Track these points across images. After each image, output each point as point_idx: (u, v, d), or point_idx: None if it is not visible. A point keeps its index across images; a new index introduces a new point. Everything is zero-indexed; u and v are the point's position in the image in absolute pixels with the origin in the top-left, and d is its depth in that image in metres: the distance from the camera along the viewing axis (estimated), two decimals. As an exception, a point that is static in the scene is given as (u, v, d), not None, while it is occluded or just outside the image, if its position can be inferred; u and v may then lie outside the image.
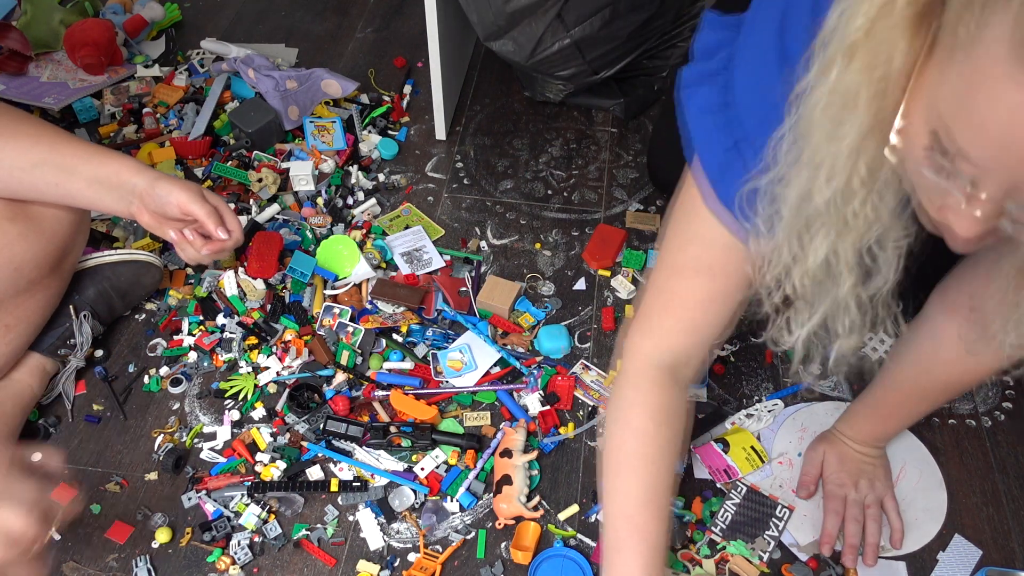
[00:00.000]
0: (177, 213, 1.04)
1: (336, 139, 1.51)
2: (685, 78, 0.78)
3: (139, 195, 1.03)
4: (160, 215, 1.04)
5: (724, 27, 0.79)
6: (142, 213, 1.04)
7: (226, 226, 1.07)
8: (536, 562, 1.02)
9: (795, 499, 1.09)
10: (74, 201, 1.03)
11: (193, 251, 1.08)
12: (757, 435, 1.14)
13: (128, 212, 1.04)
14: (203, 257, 1.08)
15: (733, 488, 1.09)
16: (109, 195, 1.02)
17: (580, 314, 1.30)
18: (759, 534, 1.05)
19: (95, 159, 1.01)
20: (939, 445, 1.15)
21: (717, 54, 0.76)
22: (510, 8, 1.39)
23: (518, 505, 1.04)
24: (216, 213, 1.06)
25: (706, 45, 0.79)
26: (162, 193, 1.02)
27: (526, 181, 1.52)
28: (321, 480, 1.09)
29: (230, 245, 1.09)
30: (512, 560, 1.02)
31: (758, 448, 1.12)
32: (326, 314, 1.26)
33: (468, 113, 1.66)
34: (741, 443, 1.12)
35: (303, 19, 1.89)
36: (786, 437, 1.15)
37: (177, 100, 1.61)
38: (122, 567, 1.03)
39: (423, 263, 1.35)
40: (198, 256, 1.08)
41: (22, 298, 1.05)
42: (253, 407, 1.17)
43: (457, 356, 1.21)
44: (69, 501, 0.79)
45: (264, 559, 1.04)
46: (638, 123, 1.64)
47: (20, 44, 1.58)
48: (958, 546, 1.05)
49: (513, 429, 1.11)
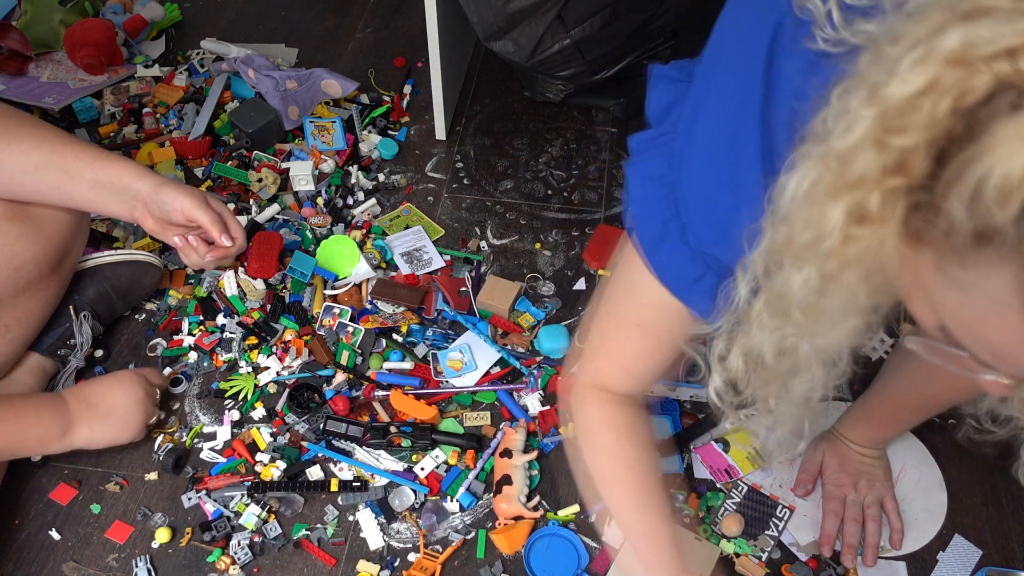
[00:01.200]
0: (181, 219, 1.04)
1: (336, 139, 1.51)
2: (634, 146, 0.74)
3: (143, 200, 1.02)
4: (164, 221, 1.04)
5: (672, 80, 0.74)
6: (146, 218, 1.03)
7: (230, 233, 1.07)
8: (530, 541, 1.03)
9: (795, 499, 1.09)
10: (76, 204, 1.03)
11: (197, 257, 1.08)
12: None
13: (131, 216, 1.04)
14: (206, 263, 1.09)
15: (734, 488, 1.09)
16: (112, 198, 1.02)
17: (580, 314, 1.30)
18: (760, 533, 1.05)
19: (97, 162, 1.01)
20: (939, 445, 1.15)
21: (667, 117, 0.72)
22: (510, 9, 1.39)
23: (518, 505, 1.04)
24: (220, 220, 1.06)
25: (657, 109, 0.75)
26: (166, 199, 1.02)
27: (526, 181, 1.52)
28: (321, 480, 1.09)
29: (233, 252, 1.09)
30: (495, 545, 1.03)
31: (758, 447, 1.12)
32: (326, 314, 1.26)
33: (468, 113, 1.66)
34: (741, 443, 1.12)
35: (303, 19, 1.89)
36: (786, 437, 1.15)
37: (177, 100, 1.61)
38: (122, 567, 1.03)
39: (423, 263, 1.35)
40: (201, 262, 1.08)
41: (22, 298, 1.05)
42: (253, 407, 1.17)
43: (457, 356, 1.21)
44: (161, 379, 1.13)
45: (264, 559, 1.03)
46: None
47: (20, 44, 1.58)
48: (958, 546, 1.05)
49: (513, 429, 1.11)
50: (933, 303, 0.46)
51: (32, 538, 1.05)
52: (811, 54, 0.54)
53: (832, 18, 0.52)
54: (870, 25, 0.49)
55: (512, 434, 1.10)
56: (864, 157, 0.44)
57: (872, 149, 0.43)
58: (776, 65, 0.59)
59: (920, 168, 0.42)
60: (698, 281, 0.69)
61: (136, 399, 1.07)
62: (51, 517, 1.07)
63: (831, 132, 0.46)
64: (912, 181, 0.42)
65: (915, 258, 0.45)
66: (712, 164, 0.65)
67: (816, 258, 0.49)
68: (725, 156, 0.63)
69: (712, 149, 0.64)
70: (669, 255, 0.70)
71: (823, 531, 1.04)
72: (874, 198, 0.44)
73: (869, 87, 0.44)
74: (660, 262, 0.71)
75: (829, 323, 0.53)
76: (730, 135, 0.62)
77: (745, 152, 0.61)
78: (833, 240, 0.46)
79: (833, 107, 0.47)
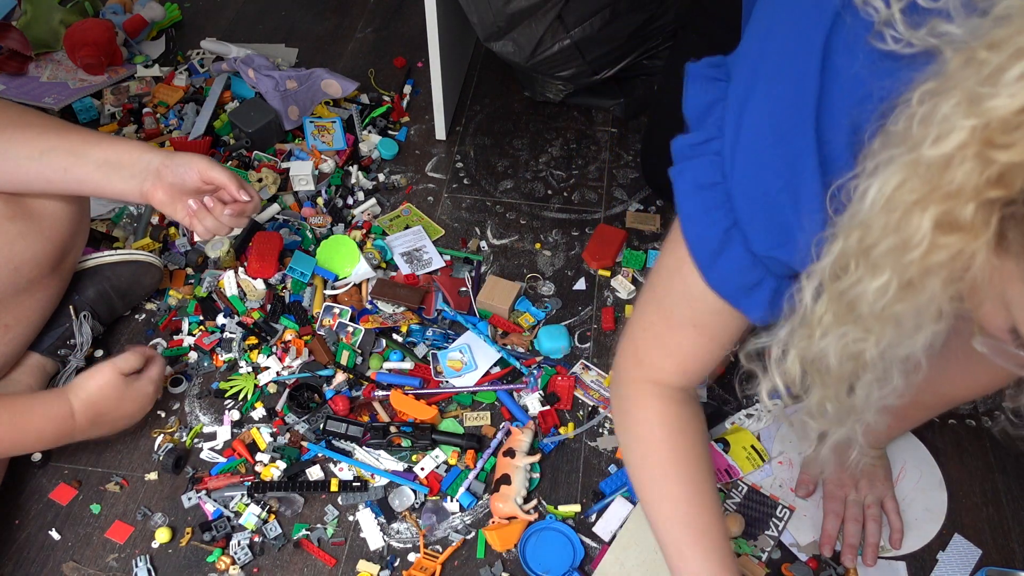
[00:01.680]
0: (197, 182, 1.03)
1: (336, 139, 1.51)
2: (677, 151, 0.71)
3: (154, 171, 1.02)
4: (177, 189, 1.04)
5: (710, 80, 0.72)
6: (156, 190, 1.03)
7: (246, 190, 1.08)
8: (526, 535, 1.03)
9: (795, 499, 1.09)
10: (82, 186, 1.03)
11: (212, 220, 1.06)
12: (757, 435, 1.14)
13: (140, 191, 1.03)
14: (222, 225, 1.07)
15: (734, 488, 1.09)
16: (119, 175, 1.02)
17: (580, 314, 1.30)
18: (760, 533, 1.05)
19: (104, 142, 1.02)
20: (939, 445, 1.15)
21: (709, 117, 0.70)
22: (510, 9, 1.39)
23: (513, 506, 1.04)
24: (235, 177, 1.07)
25: (696, 108, 0.72)
26: (181, 162, 1.02)
27: (526, 181, 1.52)
28: (321, 480, 1.09)
29: (251, 209, 1.08)
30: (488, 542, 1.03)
31: (758, 447, 1.12)
32: (326, 314, 1.26)
33: (468, 113, 1.66)
34: (741, 442, 1.12)
35: (303, 19, 1.89)
36: (786, 437, 1.15)
37: (177, 100, 1.61)
38: (122, 567, 1.03)
39: (423, 263, 1.35)
40: (218, 224, 1.07)
41: (22, 298, 1.05)
42: (253, 407, 1.17)
43: (457, 356, 1.21)
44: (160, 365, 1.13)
45: (264, 559, 1.03)
46: (638, 123, 1.64)
47: (20, 44, 1.58)
48: (958, 546, 1.05)
49: (520, 430, 1.11)
50: (1010, 307, 0.46)
51: (32, 538, 1.05)
52: (876, 54, 0.53)
53: (901, 17, 0.51)
54: (950, 26, 0.48)
55: (518, 434, 1.10)
56: (962, 169, 0.43)
57: (972, 161, 0.42)
58: (831, 64, 0.57)
59: (1022, 183, 0.41)
60: (756, 287, 0.68)
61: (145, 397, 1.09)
62: (51, 517, 1.07)
63: (920, 138, 0.45)
64: (1012, 194, 0.42)
65: (1000, 266, 0.45)
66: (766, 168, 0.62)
67: (897, 265, 0.48)
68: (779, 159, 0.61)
69: (765, 152, 0.62)
70: (727, 263, 0.68)
71: (824, 531, 1.04)
72: (968, 209, 0.43)
73: (967, 96, 0.43)
74: (718, 272, 0.69)
75: (906, 328, 0.52)
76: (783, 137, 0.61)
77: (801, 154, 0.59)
78: (920, 249, 0.46)
79: (917, 112, 0.46)
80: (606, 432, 1.16)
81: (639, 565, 1.01)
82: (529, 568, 1.01)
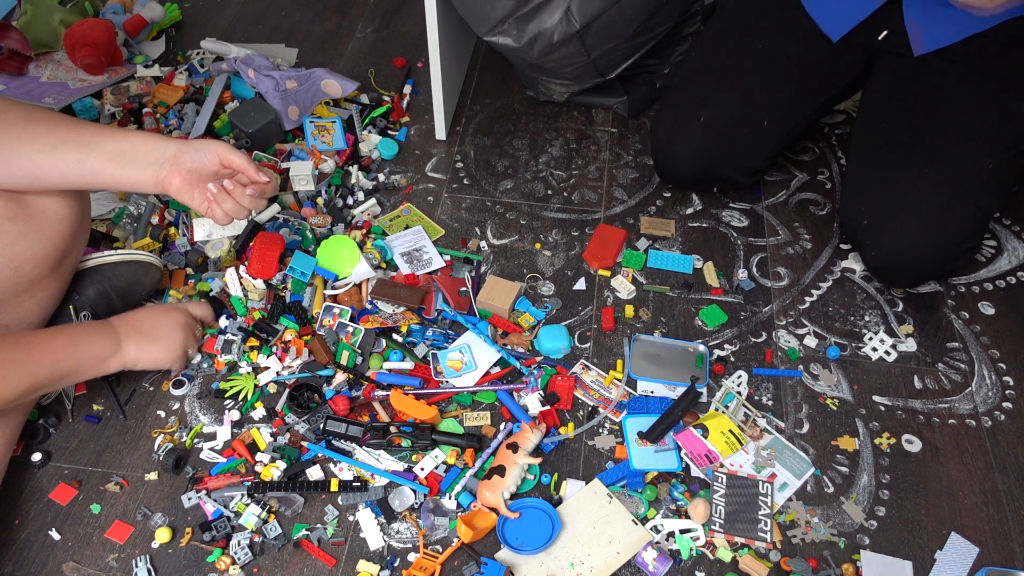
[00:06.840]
0: (216, 165, 1.05)
1: (336, 139, 1.51)
2: None
3: (171, 158, 1.03)
4: (194, 175, 1.05)
5: None
6: (174, 177, 1.04)
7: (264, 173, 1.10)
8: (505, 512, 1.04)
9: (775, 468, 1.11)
10: (97, 177, 1.03)
11: (232, 203, 1.09)
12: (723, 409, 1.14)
13: (156, 179, 1.04)
14: (242, 208, 1.10)
15: (715, 480, 1.09)
16: (134, 164, 1.03)
17: (580, 314, 1.30)
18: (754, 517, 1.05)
19: (117, 134, 1.03)
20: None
21: None
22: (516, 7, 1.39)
23: (499, 498, 1.04)
24: (252, 160, 1.08)
25: None
26: (199, 147, 1.04)
27: (526, 181, 1.52)
28: (321, 480, 1.09)
29: (270, 190, 1.11)
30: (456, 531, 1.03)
31: (736, 432, 1.12)
32: (326, 314, 1.26)
33: (468, 113, 1.66)
34: (719, 427, 1.12)
35: (303, 19, 1.89)
36: None
37: (177, 100, 1.61)
38: (122, 567, 1.03)
39: (423, 263, 1.35)
40: (238, 207, 1.09)
41: (22, 298, 1.05)
42: (253, 407, 1.17)
43: (457, 356, 1.21)
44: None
45: (264, 559, 1.04)
46: (638, 123, 1.64)
47: (20, 44, 1.58)
48: (955, 544, 1.05)
49: (531, 427, 1.11)
50: None
51: (32, 538, 1.05)
52: None
53: None
54: None
55: (527, 431, 1.10)
56: None
57: None
58: None
59: None
60: None
61: (178, 324, 1.15)
62: (51, 517, 1.07)
63: None
64: None
65: None
66: None
67: None
68: None
69: None
70: None
71: None
72: None
73: None
74: None
75: None
76: None
77: None
78: None
79: None
80: (606, 432, 1.16)
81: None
82: (506, 541, 1.02)
